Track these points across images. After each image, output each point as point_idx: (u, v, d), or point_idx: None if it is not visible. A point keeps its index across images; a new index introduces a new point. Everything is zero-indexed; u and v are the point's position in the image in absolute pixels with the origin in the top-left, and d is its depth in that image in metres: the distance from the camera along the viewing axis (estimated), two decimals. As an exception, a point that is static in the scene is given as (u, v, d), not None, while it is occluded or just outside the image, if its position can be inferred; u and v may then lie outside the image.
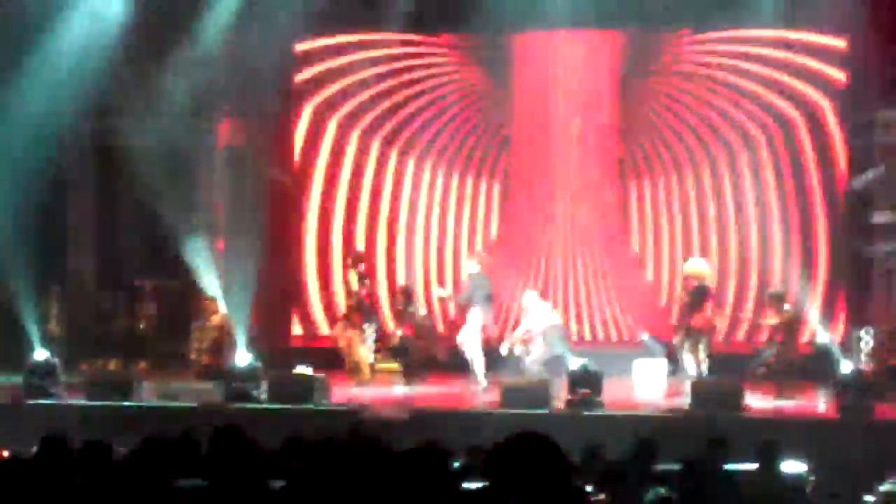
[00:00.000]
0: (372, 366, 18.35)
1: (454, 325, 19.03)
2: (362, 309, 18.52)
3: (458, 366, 17.93)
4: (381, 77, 21.04)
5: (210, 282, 19.04)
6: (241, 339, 17.07)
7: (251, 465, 7.73)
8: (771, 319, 17.65)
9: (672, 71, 20.74)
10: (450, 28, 20.59)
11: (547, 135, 21.00)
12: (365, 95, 21.12)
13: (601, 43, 20.98)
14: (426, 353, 18.53)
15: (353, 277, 18.68)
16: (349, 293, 18.67)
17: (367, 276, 19.00)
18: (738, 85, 20.34)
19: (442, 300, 20.03)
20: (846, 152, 20.03)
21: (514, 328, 18.67)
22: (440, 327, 20.18)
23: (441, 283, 20.76)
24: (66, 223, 21.18)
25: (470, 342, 17.63)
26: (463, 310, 18.35)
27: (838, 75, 19.98)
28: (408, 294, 19.13)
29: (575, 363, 15.93)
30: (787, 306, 17.47)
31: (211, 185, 20.67)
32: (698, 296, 17.23)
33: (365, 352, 18.30)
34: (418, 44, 21.09)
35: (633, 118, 20.84)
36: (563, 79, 20.95)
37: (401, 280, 20.77)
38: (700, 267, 17.71)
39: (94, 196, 21.42)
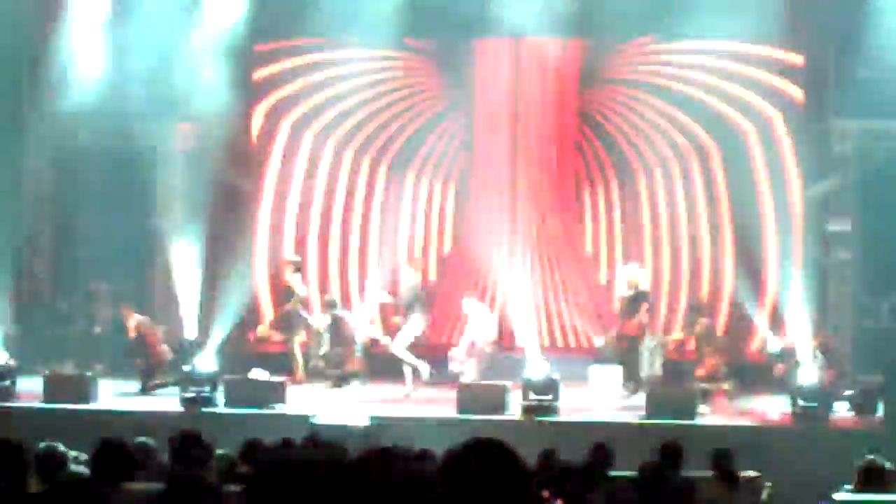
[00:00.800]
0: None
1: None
2: (296, 315, 18.59)
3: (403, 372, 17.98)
4: (337, 80, 20.97)
5: (168, 285, 19.05)
6: (210, 342, 17.14)
7: (207, 470, 7.72)
8: (676, 336, 18.05)
9: (628, 80, 20.79)
10: (410, 33, 20.53)
11: (505, 140, 21.01)
12: (320, 98, 21.06)
13: (560, 51, 20.99)
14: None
15: (297, 281, 18.74)
16: (291, 297, 18.69)
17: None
18: (692, 95, 20.42)
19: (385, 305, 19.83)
20: (799, 162, 20.12)
21: (459, 334, 18.82)
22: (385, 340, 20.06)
23: (396, 284, 20.30)
24: (21, 225, 21.03)
25: (400, 347, 17.75)
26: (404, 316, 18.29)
27: (795, 89, 20.10)
28: (331, 305, 18.96)
29: (532, 369, 15.99)
30: (702, 320, 17.73)
31: (169, 189, 20.55)
32: (633, 302, 17.41)
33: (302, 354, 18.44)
34: (377, 47, 21.00)
35: (589, 125, 20.89)
36: (523, 85, 20.96)
37: (353, 280, 20.92)
38: (634, 274, 17.86)
39: (51, 198, 21.27)
